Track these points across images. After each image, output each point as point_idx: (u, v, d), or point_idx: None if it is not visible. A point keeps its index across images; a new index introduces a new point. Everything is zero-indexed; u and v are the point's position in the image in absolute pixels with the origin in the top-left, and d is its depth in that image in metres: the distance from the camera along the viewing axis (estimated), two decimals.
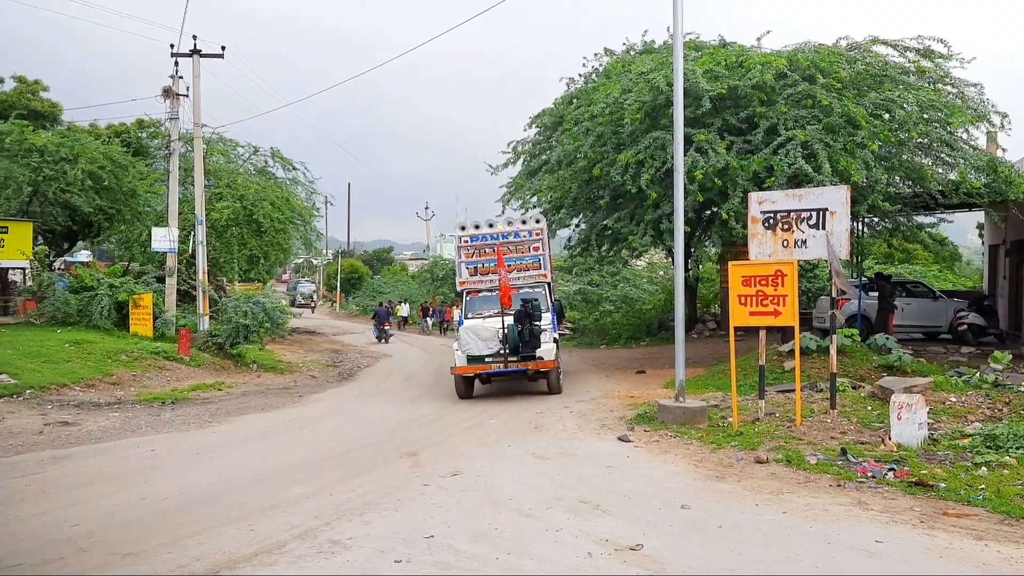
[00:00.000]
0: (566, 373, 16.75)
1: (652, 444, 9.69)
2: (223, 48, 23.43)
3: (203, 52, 22.94)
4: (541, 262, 15.77)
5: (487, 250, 15.77)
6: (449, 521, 6.63)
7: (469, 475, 8.30)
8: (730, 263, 10.42)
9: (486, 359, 14.28)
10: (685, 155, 12.99)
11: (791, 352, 13.21)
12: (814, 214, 10.00)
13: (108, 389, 14.94)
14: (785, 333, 14.25)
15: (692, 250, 20.91)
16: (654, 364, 18.74)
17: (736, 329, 10.31)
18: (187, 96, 22.99)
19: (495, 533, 6.30)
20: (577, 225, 22.03)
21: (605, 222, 18.56)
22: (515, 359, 14.14)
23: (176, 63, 22.76)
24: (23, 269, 24.48)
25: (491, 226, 16.09)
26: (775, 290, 9.77)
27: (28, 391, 13.72)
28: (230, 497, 7.63)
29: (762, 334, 10.27)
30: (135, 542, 6.24)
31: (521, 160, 21.80)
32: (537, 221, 16.06)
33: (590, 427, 11.05)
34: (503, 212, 22.69)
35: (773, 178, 14.68)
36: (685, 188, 11.91)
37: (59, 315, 20.33)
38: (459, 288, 16.24)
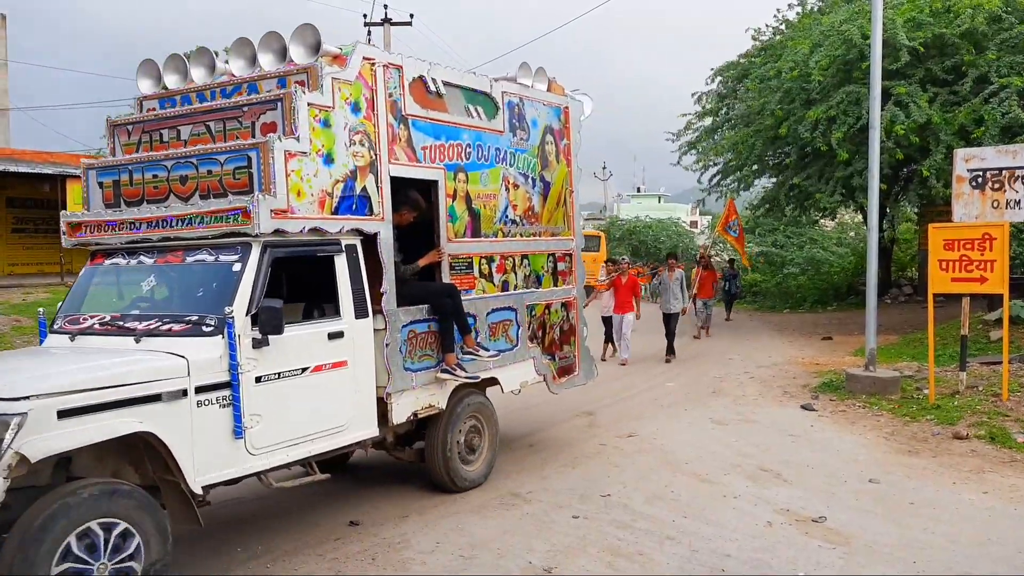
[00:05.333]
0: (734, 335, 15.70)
1: (838, 414, 9.32)
2: (411, 16, 24.32)
3: (393, 20, 23.90)
4: (253, 169, 5.04)
5: (168, 134, 5.77)
6: (625, 481, 6.73)
7: (645, 437, 8.35)
8: (930, 226, 9.72)
9: None
10: (883, 109, 12.14)
11: (998, 321, 12.18)
12: None
13: None
14: (992, 301, 13.13)
15: (887, 210, 19.63)
16: (842, 330, 17.87)
17: (935, 296, 9.64)
18: None
19: (671, 496, 6.33)
20: (750, 183, 21.15)
21: (793, 180, 17.81)
22: None
23: (368, 32, 23.89)
24: None
25: (206, 69, 6.02)
26: (981, 255, 9.03)
27: None
28: None
29: (965, 301, 9.55)
30: (334, 484, 6.77)
31: (703, 115, 21.15)
32: (320, 51, 5.49)
33: (771, 394, 10.76)
34: (679, 162, 21.94)
35: (983, 128, 13.47)
36: (881, 145, 11.17)
37: None
38: (67, 240, 5.76)
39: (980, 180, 9.32)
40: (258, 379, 4.89)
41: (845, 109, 15.08)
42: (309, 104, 5.21)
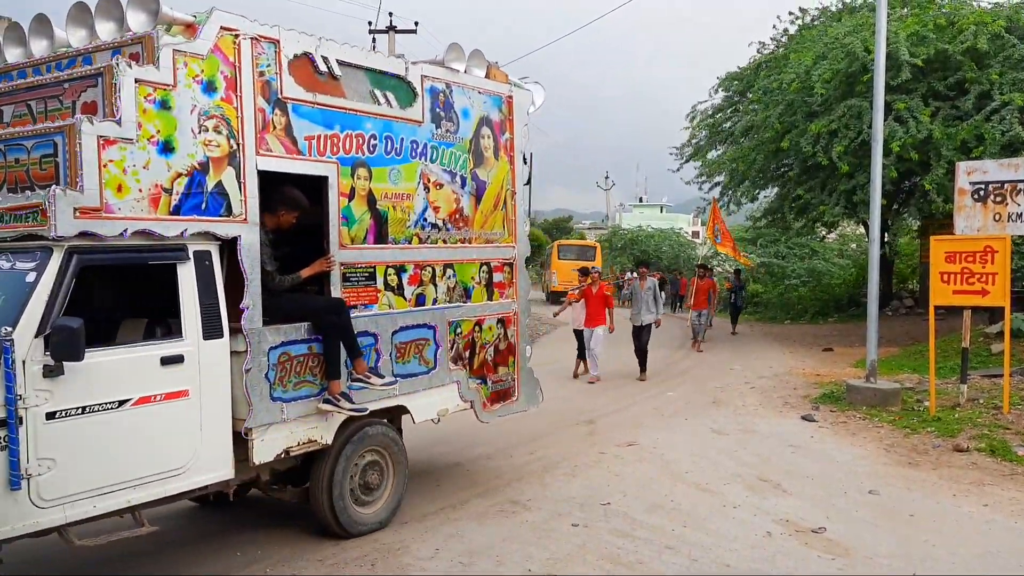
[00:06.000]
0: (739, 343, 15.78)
1: (838, 425, 9.32)
2: (416, 24, 24.39)
3: (398, 28, 23.98)
4: (59, 158, 4.17)
5: None
6: (625, 490, 6.72)
7: (645, 446, 8.34)
8: (932, 238, 9.74)
9: None
10: (883, 124, 12.21)
11: (999, 334, 12.19)
12: None
13: None
14: (993, 314, 13.15)
15: (889, 222, 19.69)
16: (842, 342, 17.87)
17: (936, 308, 9.65)
18: None
19: (671, 505, 6.32)
20: (753, 196, 21.23)
21: (796, 192, 17.87)
22: None
23: (373, 39, 23.93)
24: None
25: (48, 40, 5.05)
26: (983, 267, 9.05)
27: None
28: (417, 454, 8.06)
29: (966, 314, 9.55)
30: None
31: (701, 126, 21.23)
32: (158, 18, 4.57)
33: (772, 404, 10.75)
34: (679, 170, 22.12)
35: (983, 147, 13.51)
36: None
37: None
38: None
39: (982, 193, 9.34)
40: (51, 415, 3.96)
41: (847, 123, 15.13)
42: (138, 80, 4.28)
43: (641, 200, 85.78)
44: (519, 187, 6.98)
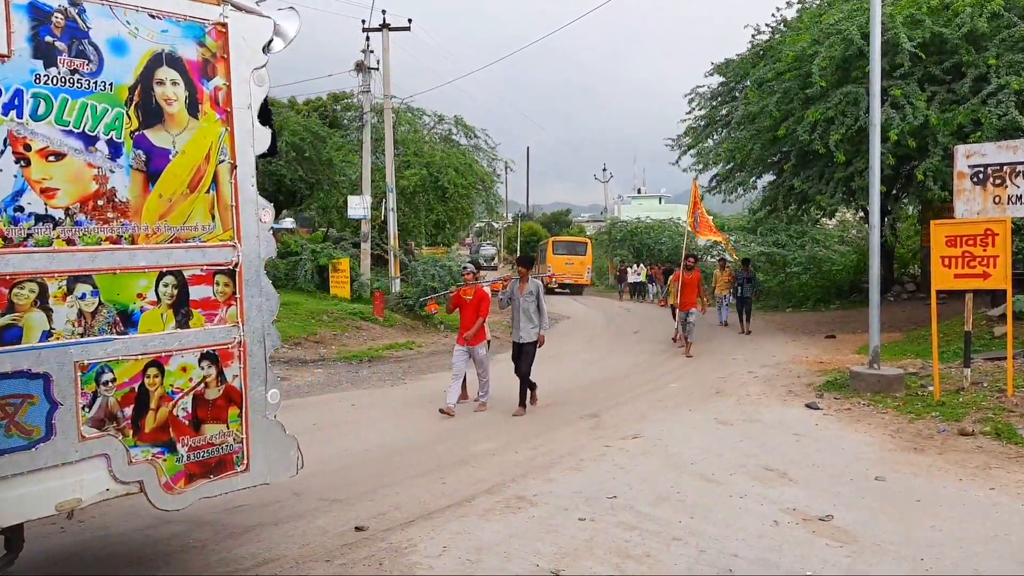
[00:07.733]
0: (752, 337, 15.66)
1: (843, 412, 9.32)
2: (409, 21, 24.31)
3: (392, 26, 23.92)
4: None
5: None
6: (630, 483, 6.73)
7: (650, 438, 8.34)
8: (932, 222, 9.72)
9: None
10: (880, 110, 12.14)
11: (1002, 317, 12.19)
12: None
13: (312, 347, 16.16)
14: (995, 296, 13.15)
15: (888, 208, 19.66)
16: (845, 328, 17.87)
17: (938, 292, 9.65)
18: (377, 69, 24.13)
19: (677, 497, 6.33)
20: (751, 185, 21.20)
21: (792, 183, 17.84)
22: None
23: (367, 38, 23.88)
24: None
25: None
26: (984, 251, 9.04)
27: None
28: (423, 451, 8.09)
29: (968, 298, 9.55)
30: (340, 489, 6.77)
31: (699, 117, 21.21)
32: None
33: (775, 393, 10.75)
34: (677, 161, 22.25)
35: (980, 132, 13.47)
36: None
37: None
38: None
39: (981, 176, 9.32)
40: None
41: (843, 110, 15.09)
42: None
43: (639, 192, 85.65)
44: (246, 158, 4.67)
